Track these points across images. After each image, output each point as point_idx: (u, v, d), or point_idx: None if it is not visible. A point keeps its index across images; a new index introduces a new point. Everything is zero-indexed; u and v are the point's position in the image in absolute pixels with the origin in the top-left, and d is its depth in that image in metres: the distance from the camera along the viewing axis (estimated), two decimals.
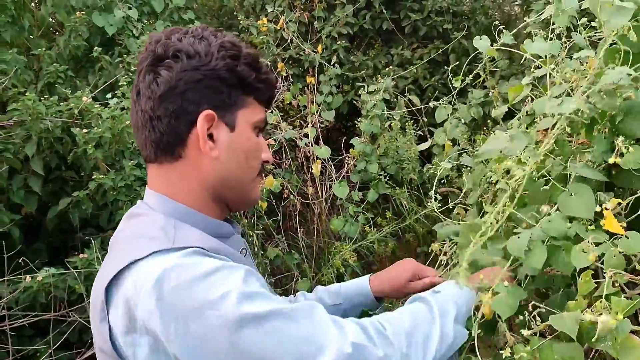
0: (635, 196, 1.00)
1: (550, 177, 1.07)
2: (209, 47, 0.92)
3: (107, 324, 0.82)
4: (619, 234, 0.93)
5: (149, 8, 3.68)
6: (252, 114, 0.98)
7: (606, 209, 0.96)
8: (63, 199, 2.58)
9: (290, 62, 3.85)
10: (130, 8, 3.40)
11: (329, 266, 3.01)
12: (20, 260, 2.28)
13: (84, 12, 3.22)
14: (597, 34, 1.32)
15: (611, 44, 1.09)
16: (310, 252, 3.19)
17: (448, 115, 3.18)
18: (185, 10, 3.83)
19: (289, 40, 3.74)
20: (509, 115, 1.79)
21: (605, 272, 0.88)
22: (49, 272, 2.22)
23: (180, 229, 0.89)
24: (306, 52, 3.77)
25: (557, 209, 1.02)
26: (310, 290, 1.32)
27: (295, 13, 3.94)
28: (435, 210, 1.33)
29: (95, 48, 3.09)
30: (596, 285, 0.91)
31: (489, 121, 3.10)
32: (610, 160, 0.99)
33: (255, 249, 2.79)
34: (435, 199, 1.38)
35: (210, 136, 0.93)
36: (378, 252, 3.18)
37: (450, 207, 1.58)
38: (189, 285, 0.77)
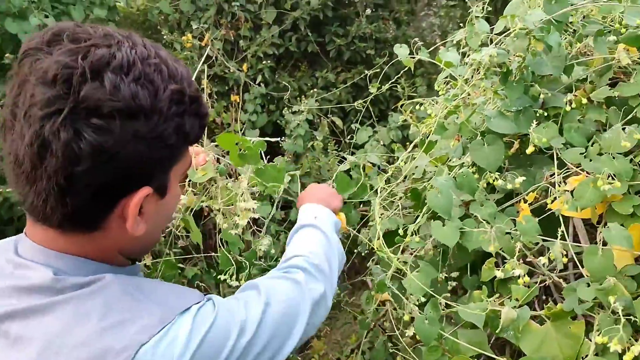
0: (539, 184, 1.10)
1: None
2: (155, 101, 0.69)
3: None
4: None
5: (67, 17, 3.55)
6: (183, 165, 0.80)
7: (525, 200, 1.04)
8: None
9: (215, 79, 3.83)
10: (47, 16, 3.28)
11: None
12: None
13: None
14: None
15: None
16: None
17: (369, 137, 3.29)
18: (107, 22, 3.73)
19: (214, 58, 3.73)
20: None
21: (506, 261, 0.94)
22: None
23: (142, 292, 0.75)
24: (231, 70, 3.76)
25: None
26: None
27: (220, 31, 3.93)
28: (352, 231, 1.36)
29: (7, 55, 2.95)
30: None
31: (407, 143, 3.21)
32: (529, 151, 1.10)
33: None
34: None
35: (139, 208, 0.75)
36: None
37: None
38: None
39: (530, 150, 1.12)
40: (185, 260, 3.03)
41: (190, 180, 1.33)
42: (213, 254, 3.16)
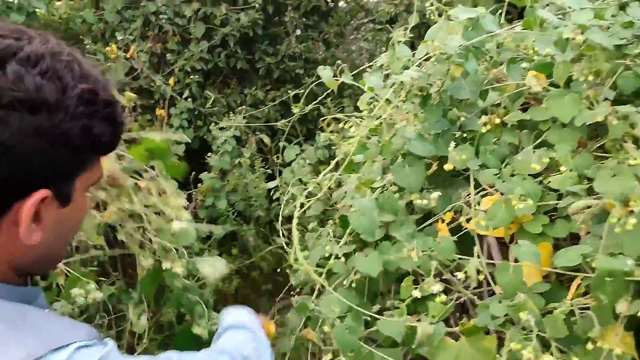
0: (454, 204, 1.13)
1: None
2: (62, 97, 0.64)
3: None
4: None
5: None
6: (92, 175, 0.74)
7: (443, 220, 1.06)
8: None
9: (140, 92, 3.73)
10: None
11: (170, 306, 2.88)
12: None
13: None
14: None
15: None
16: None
17: (296, 155, 3.30)
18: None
19: (139, 70, 3.63)
20: None
21: (424, 278, 0.96)
22: None
23: (23, 321, 0.68)
24: (157, 84, 3.68)
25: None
26: None
27: (147, 43, 3.84)
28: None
29: None
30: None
31: (331, 162, 3.25)
32: (447, 167, 1.14)
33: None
34: (283, 234, 1.41)
35: (36, 214, 0.67)
36: (222, 290, 3.12)
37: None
38: None
39: (448, 167, 1.16)
40: (102, 279, 2.89)
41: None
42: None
